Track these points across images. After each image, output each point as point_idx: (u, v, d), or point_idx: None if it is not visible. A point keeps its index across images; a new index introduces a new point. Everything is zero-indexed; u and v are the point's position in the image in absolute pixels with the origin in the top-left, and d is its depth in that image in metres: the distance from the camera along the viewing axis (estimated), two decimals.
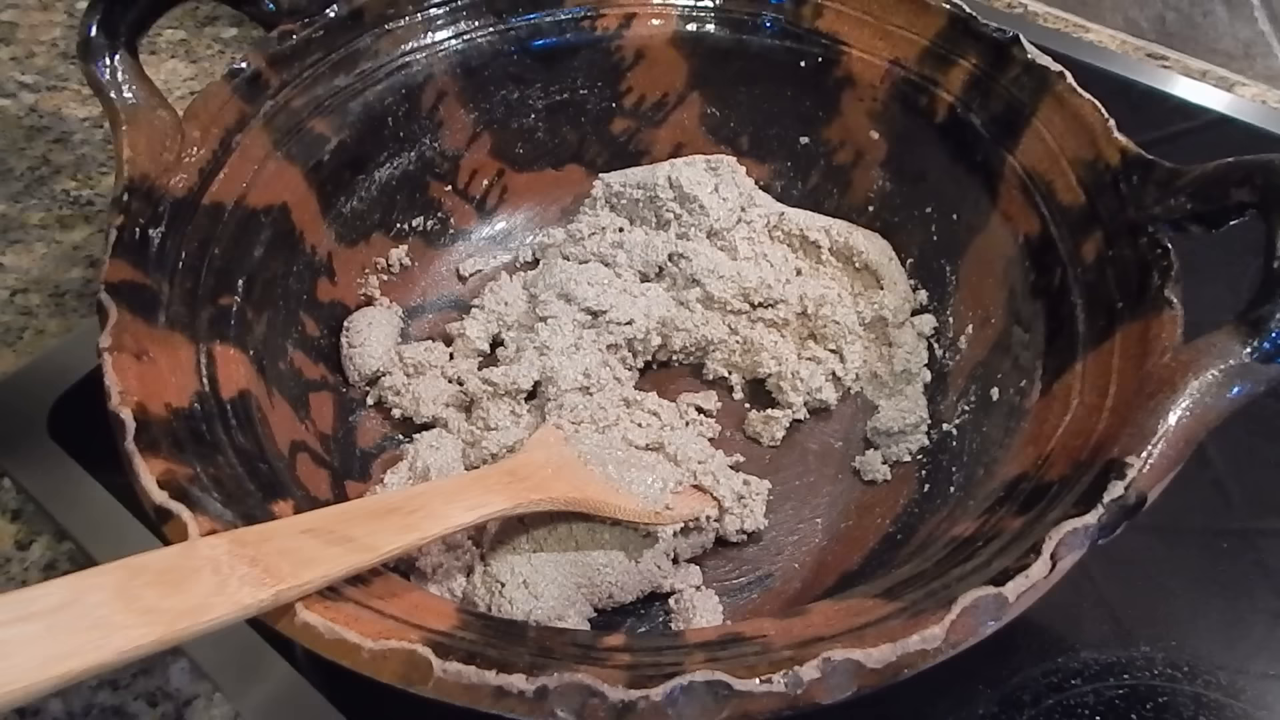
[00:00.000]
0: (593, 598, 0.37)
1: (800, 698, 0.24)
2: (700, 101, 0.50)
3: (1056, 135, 0.38)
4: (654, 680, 0.24)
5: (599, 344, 0.43)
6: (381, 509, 0.29)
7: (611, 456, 0.38)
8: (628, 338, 0.44)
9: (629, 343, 0.44)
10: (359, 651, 0.24)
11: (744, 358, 0.45)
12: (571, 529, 0.37)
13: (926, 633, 0.24)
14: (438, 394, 0.43)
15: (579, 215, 0.50)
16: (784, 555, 0.40)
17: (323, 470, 0.38)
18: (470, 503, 0.31)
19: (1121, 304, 0.33)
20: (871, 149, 0.47)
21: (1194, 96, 0.59)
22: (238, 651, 0.36)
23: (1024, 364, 0.37)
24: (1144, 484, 0.26)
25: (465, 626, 0.26)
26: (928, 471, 0.41)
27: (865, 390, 0.45)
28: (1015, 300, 0.39)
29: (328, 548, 0.26)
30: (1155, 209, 0.33)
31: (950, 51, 0.43)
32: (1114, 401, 0.30)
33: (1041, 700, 0.36)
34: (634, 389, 0.44)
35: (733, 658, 0.25)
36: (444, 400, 0.43)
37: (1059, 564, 0.25)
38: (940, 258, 0.45)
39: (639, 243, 0.47)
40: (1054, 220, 0.37)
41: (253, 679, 0.36)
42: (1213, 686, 0.36)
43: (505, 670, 0.24)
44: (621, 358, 0.44)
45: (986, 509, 0.31)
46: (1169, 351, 0.29)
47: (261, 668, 0.36)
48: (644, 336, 0.44)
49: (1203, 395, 0.27)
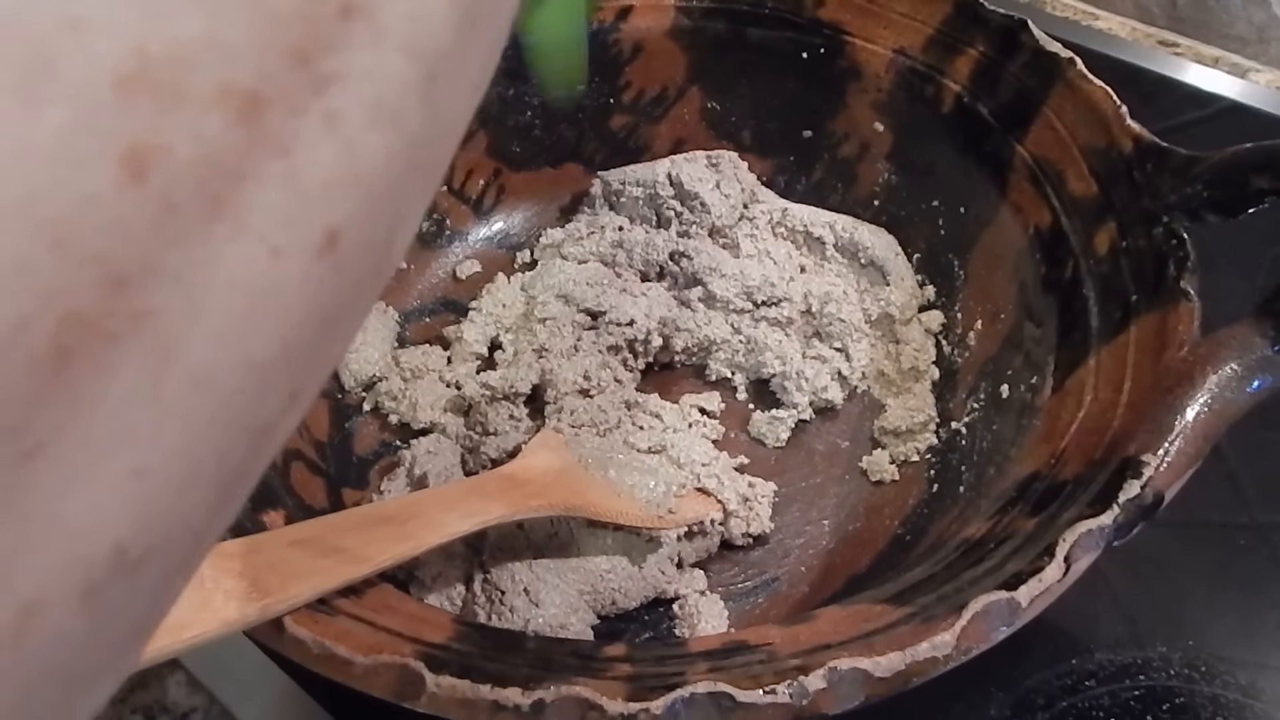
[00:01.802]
0: (596, 605, 0.36)
1: (806, 709, 0.23)
2: (700, 95, 0.49)
3: (1067, 123, 0.37)
4: (655, 692, 0.23)
5: (599, 345, 0.43)
6: (375, 518, 0.28)
7: (613, 460, 0.38)
8: (628, 339, 0.43)
9: (630, 344, 0.43)
10: (350, 666, 0.24)
11: (747, 358, 0.44)
12: (573, 535, 0.37)
13: (937, 639, 0.23)
14: (435, 399, 0.42)
15: (578, 214, 0.49)
16: (790, 558, 0.39)
17: (318, 478, 0.37)
18: (467, 510, 0.31)
19: (1136, 296, 0.32)
20: (876, 141, 0.46)
21: (1206, 84, 0.57)
22: (236, 664, 0.35)
23: (1035, 360, 0.36)
24: (1161, 483, 0.26)
25: (461, 638, 0.26)
26: (937, 471, 0.40)
27: (872, 389, 0.44)
28: (1026, 294, 0.38)
29: (318, 559, 0.25)
30: (1170, 197, 0.32)
31: (957, 39, 0.42)
32: (1129, 397, 0.29)
33: (1056, 703, 0.35)
34: (635, 391, 0.43)
35: (736, 667, 0.24)
36: (442, 405, 0.42)
37: (1073, 566, 0.25)
38: (948, 252, 0.44)
39: (639, 241, 0.46)
40: (1065, 211, 0.36)
41: (251, 691, 0.35)
42: (1231, 687, 0.35)
43: (501, 684, 0.23)
44: (622, 359, 0.43)
45: (998, 509, 0.30)
46: (1186, 345, 0.28)
47: (260, 680, 0.35)
48: (645, 337, 0.43)
49: (1222, 390, 0.26)
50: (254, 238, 0.10)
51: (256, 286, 0.10)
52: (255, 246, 0.10)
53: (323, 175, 0.10)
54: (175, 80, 0.09)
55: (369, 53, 0.11)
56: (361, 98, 0.11)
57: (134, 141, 0.09)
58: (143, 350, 0.09)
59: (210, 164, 0.09)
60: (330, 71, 0.10)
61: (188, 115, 0.09)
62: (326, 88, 0.10)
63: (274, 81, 0.10)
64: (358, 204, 0.11)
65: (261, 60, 0.10)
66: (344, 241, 0.11)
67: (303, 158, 0.10)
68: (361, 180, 0.11)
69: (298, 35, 0.10)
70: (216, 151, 0.09)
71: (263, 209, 0.10)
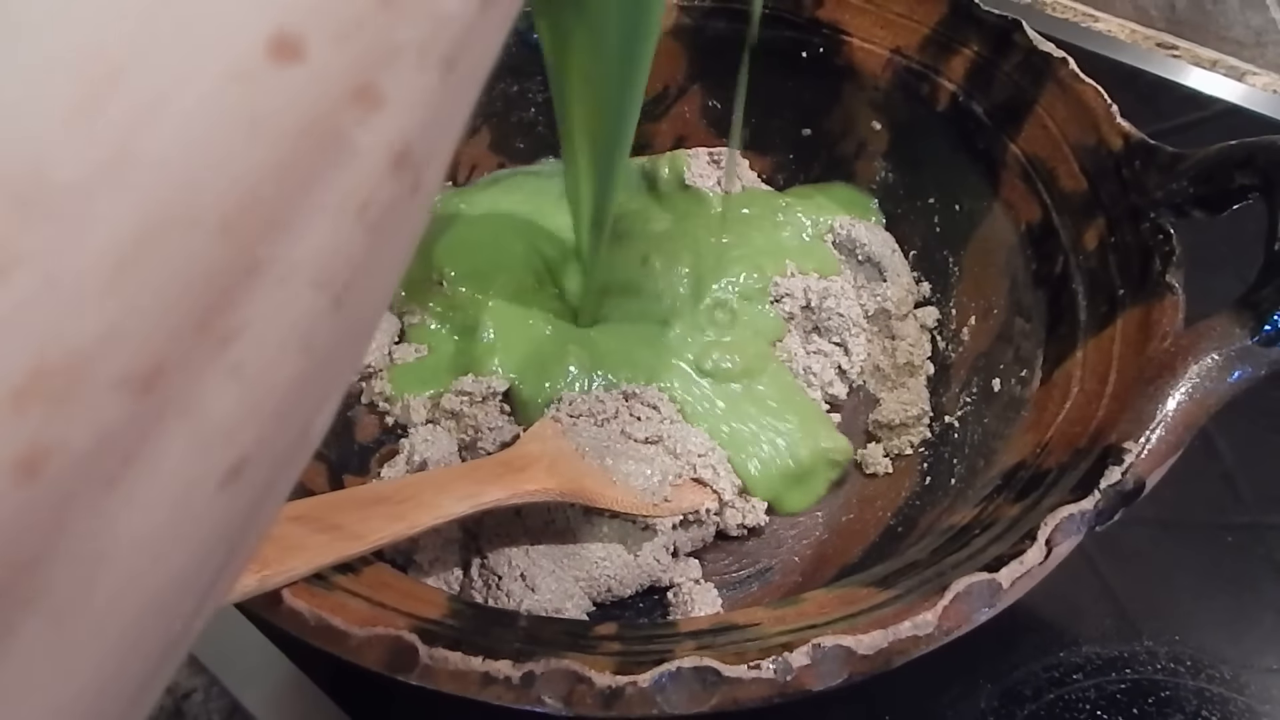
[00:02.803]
0: (590, 591, 0.37)
1: (790, 684, 0.23)
2: (701, 94, 0.50)
3: (1059, 121, 0.38)
4: (642, 667, 0.23)
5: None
6: (371, 498, 0.29)
7: (610, 449, 0.38)
8: None
9: None
10: (345, 638, 0.24)
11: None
12: (570, 522, 0.37)
13: (919, 619, 0.24)
14: (426, 402, 0.42)
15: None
16: (784, 549, 0.39)
17: (320, 463, 0.38)
18: (463, 493, 0.31)
19: (1123, 290, 0.32)
20: (874, 139, 0.47)
21: (1204, 86, 0.58)
22: (236, 644, 0.36)
23: (1025, 354, 0.36)
24: (1142, 469, 0.26)
25: (455, 615, 0.26)
26: (929, 464, 0.40)
27: (868, 383, 0.45)
28: (1017, 290, 0.39)
29: (315, 535, 0.26)
30: (1157, 194, 0.32)
31: (952, 39, 0.42)
32: (1114, 388, 0.30)
33: (1043, 694, 0.35)
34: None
35: (723, 645, 0.25)
36: (433, 409, 0.42)
37: (1055, 550, 0.25)
38: (943, 249, 0.45)
39: None
40: (1055, 207, 0.37)
41: (252, 673, 0.36)
42: (1216, 681, 0.36)
43: (492, 656, 0.24)
44: None
45: (984, 497, 0.30)
46: (1169, 336, 0.29)
47: (260, 661, 0.36)
48: None
49: (1203, 380, 0.27)
50: (153, 494, 0.10)
51: (157, 535, 0.10)
52: (155, 502, 0.10)
53: (226, 420, 0.10)
54: (71, 382, 0.09)
55: (275, 298, 0.10)
56: (266, 341, 0.10)
57: (27, 446, 0.09)
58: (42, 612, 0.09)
59: (106, 444, 0.09)
60: (234, 327, 0.10)
61: (84, 408, 0.09)
62: (230, 343, 0.10)
63: (174, 355, 0.09)
64: (264, 430, 0.11)
65: (162, 340, 0.09)
66: (250, 467, 0.11)
67: (205, 410, 0.10)
68: (268, 410, 0.11)
69: (201, 305, 0.10)
70: (113, 433, 0.09)
71: (163, 468, 0.10)
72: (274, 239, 0.10)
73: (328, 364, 0.11)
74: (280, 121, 0.10)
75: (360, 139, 0.10)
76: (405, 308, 0.44)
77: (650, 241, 0.45)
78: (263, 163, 0.10)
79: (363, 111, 0.10)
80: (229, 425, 0.10)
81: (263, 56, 0.09)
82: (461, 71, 0.12)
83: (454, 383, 0.41)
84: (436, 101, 0.11)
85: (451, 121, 0.12)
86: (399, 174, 0.11)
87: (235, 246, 0.10)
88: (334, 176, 0.10)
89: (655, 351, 0.42)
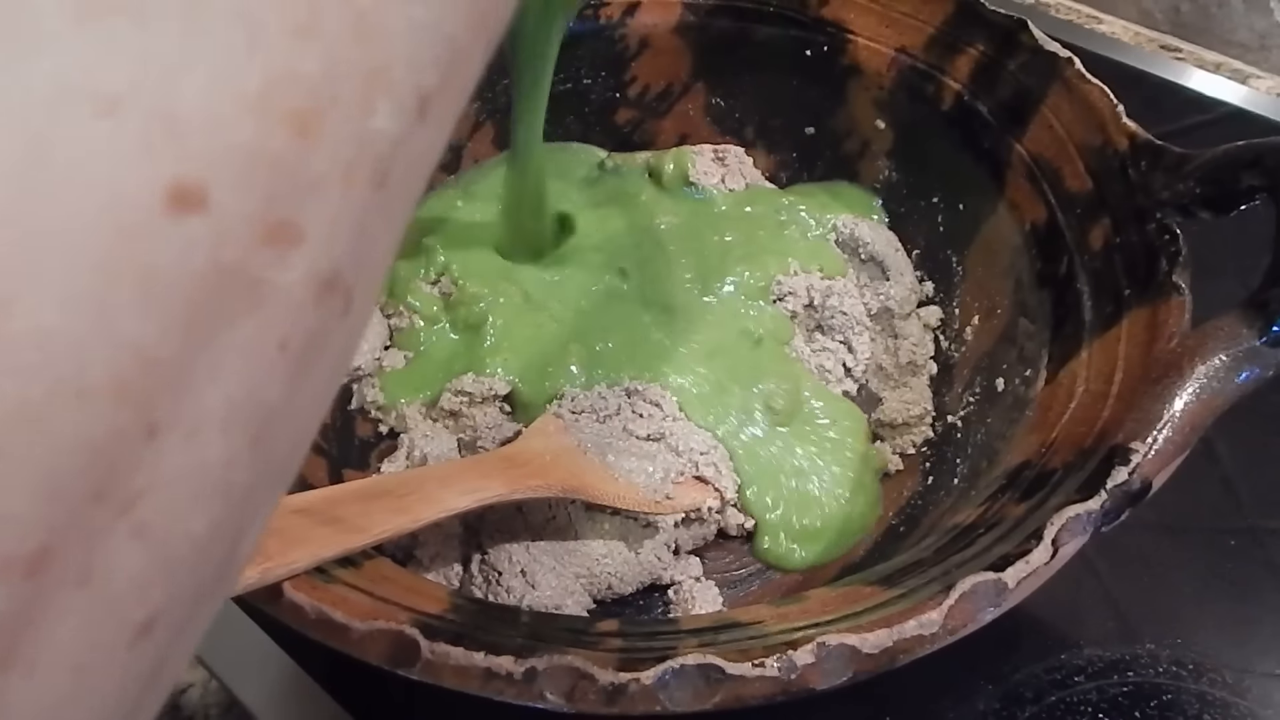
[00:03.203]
0: (591, 588, 0.37)
1: (794, 682, 0.23)
2: (705, 91, 0.50)
3: (1065, 122, 0.38)
4: (645, 663, 0.23)
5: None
6: (374, 491, 0.29)
7: (612, 445, 0.38)
8: None
9: None
10: (346, 632, 0.24)
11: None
12: (571, 519, 0.37)
13: (924, 618, 0.24)
14: (420, 406, 0.41)
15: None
16: None
17: (320, 458, 0.38)
18: (466, 487, 0.31)
19: (1129, 290, 0.32)
20: (878, 139, 0.47)
21: (1208, 89, 0.58)
22: (233, 639, 0.36)
23: (1029, 354, 0.36)
24: (1148, 470, 0.26)
25: (457, 610, 0.26)
26: (932, 464, 0.40)
27: (870, 383, 0.45)
28: (1021, 290, 0.38)
29: (317, 528, 0.26)
30: (1163, 194, 0.32)
31: (957, 38, 0.42)
32: (1120, 388, 0.30)
33: (1044, 697, 0.35)
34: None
35: (726, 642, 0.25)
36: (429, 414, 0.41)
37: (1060, 550, 0.25)
38: (947, 248, 0.45)
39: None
40: (1061, 208, 0.37)
41: (248, 667, 0.35)
42: (1218, 685, 0.36)
43: (494, 652, 0.23)
44: None
45: (988, 497, 0.30)
46: (1176, 337, 0.29)
47: (257, 656, 0.35)
48: None
49: (1209, 380, 0.26)
50: (53, 666, 0.09)
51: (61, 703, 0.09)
52: (55, 672, 0.09)
53: (134, 581, 0.10)
54: None
55: (182, 453, 0.09)
56: (175, 497, 0.10)
57: None
58: None
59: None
60: (137, 490, 0.09)
61: None
62: (132, 506, 0.09)
63: (67, 528, 0.09)
64: (177, 582, 0.10)
65: (48, 519, 0.09)
66: (160, 622, 0.10)
67: (109, 576, 0.09)
68: (179, 562, 0.10)
69: (94, 477, 0.09)
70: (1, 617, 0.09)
71: (62, 639, 0.09)
72: (177, 398, 0.09)
73: (247, 501, 0.11)
74: (178, 277, 0.09)
75: (277, 279, 0.10)
76: (392, 310, 0.44)
77: (653, 237, 0.45)
78: (160, 323, 0.09)
79: (278, 252, 0.10)
80: (137, 585, 0.10)
81: (158, 210, 0.09)
82: (395, 183, 0.11)
83: (453, 382, 0.40)
84: (368, 220, 0.11)
85: (388, 231, 0.11)
86: (326, 300, 0.10)
87: (131, 413, 0.09)
88: (246, 321, 0.10)
89: (658, 346, 0.42)
